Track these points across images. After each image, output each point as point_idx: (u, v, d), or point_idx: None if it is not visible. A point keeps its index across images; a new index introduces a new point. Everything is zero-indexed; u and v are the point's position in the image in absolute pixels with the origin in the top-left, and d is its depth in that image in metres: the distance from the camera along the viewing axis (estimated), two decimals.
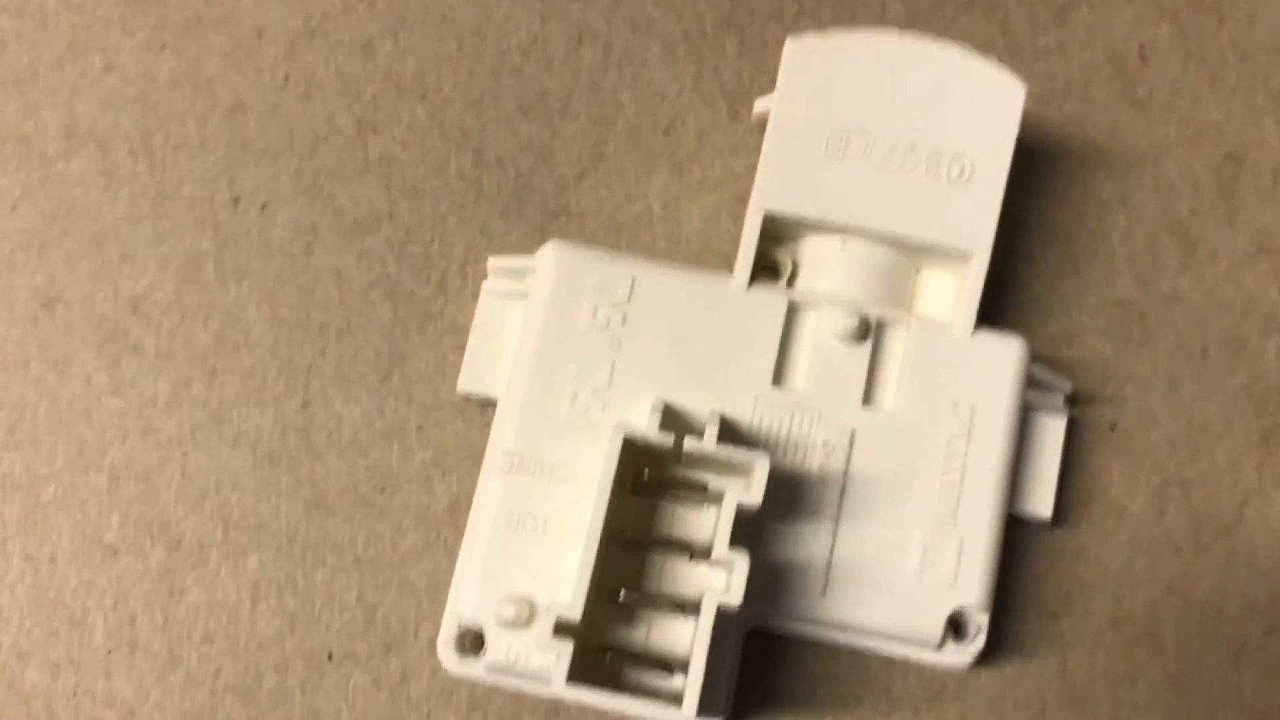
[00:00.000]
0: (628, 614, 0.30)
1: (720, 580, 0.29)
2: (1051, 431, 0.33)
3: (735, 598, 0.28)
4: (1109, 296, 0.34)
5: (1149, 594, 0.32)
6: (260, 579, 0.32)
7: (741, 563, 0.28)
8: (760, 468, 0.28)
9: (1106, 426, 0.33)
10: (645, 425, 0.29)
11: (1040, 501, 0.32)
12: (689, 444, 0.28)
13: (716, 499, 0.30)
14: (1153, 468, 0.33)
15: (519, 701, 0.31)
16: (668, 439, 0.28)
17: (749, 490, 0.28)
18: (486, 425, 0.32)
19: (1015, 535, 0.32)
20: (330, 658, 0.31)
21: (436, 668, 0.31)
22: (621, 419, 0.29)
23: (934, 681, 0.32)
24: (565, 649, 0.28)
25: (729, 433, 0.30)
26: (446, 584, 0.31)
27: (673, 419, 0.30)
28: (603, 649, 0.29)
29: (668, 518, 0.30)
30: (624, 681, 0.29)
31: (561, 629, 0.28)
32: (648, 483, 0.29)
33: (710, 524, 0.30)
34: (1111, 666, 0.32)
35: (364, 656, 0.31)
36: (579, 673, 0.28)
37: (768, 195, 0.31)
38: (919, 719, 0.31)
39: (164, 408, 0.33)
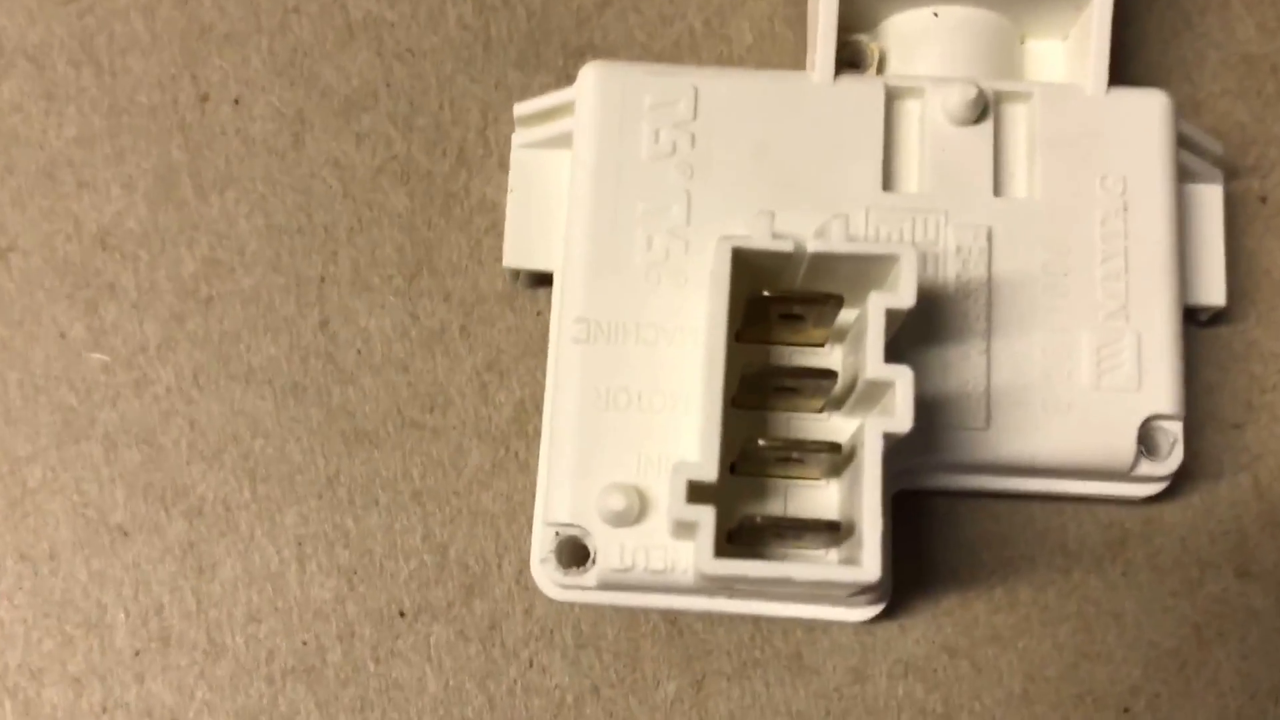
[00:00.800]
0: (757, 488, 0.26)
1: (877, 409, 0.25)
2: (1208, 202, 0.29)
3: (904, 421, 0.23)
4: (1232, 51, 0.31)
5: None
6: (304, 535, 0.29)
7: (905, 378, 0.24)
8: (908, 261, 0.24)
9: (1256, 200, 0.30)
10: (756, 233, 0.25)
11: (1209, 288, 0.29)
12: (815, 245, 0.24)
13: (840, 335, 0.27)
14: None
15: (634, 626, 0.28)
16: (785, 245, 0.24)
17: (897, 291, 0.24)
18: (542, 314, 0.30)
19: None
20: (402, 615, 0.29)
21: (531, 605, 0.29)
22: (725, 233, 0.25)
23: (1114, 525, 0.29)
24: (706, 516, 0.23)
25: None
26: (527, 504, 0.29)
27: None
28: (732, 535, 0.25)
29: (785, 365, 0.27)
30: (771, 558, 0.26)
31: (697, 493, 0.24)
32: (762, 313, 0.26)
33: (838, 366, 0.26)
34: None
35: (442, 607, 0.29)
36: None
37: None
38: (1104, 571, 0.29)
39: (157, 353, 0.30)
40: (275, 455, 0.29)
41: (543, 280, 0.30)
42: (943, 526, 0.29)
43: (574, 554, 0.26)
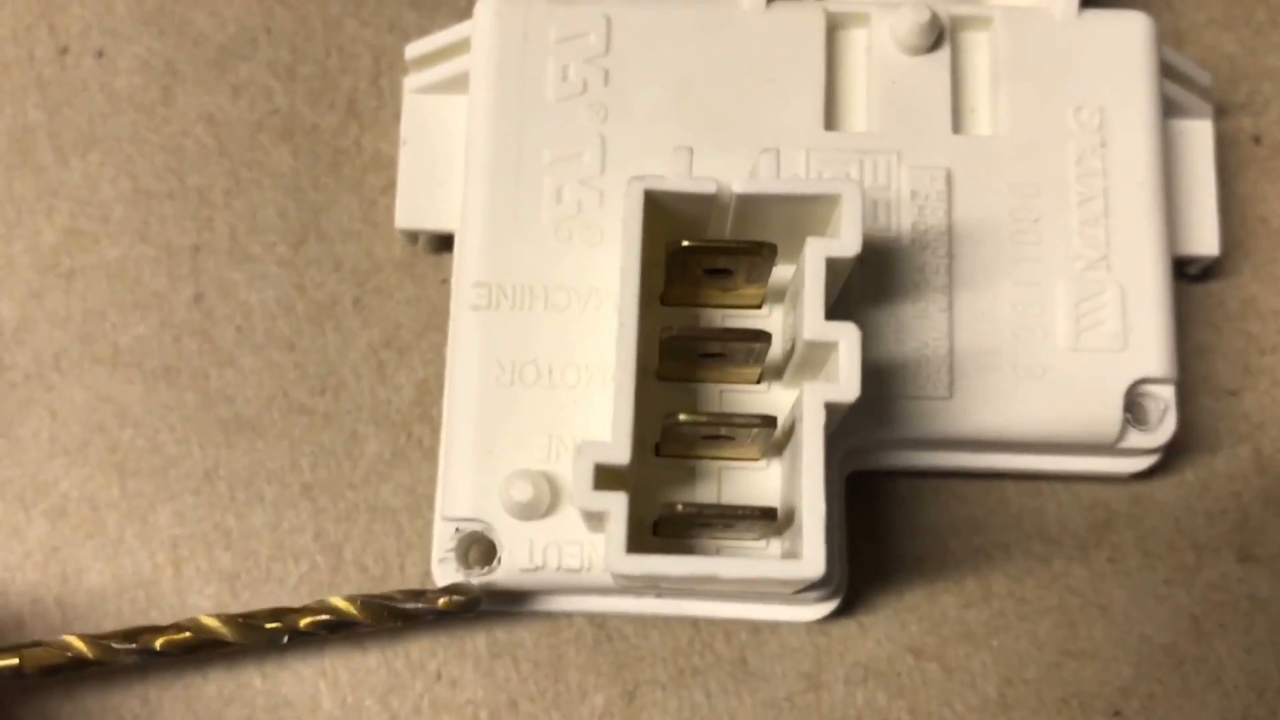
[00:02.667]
0: (687, 472, 0.25)
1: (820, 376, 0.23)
2: (1197, 139, 0.28)
3: (849, 389, 0.22)
4: None
5: None
6: (179, 536, 0.28)
7: (849, 337, 0.22)
8: (850, 200, 0.22)
9: (1249, 141, 0.30)
10: (671, 173, 0.23)
11: (1201, 236, 0.28)
12: (742, 186, 0.23)
13: (780, 295, 0.25)
14: None
15: (555, 632, 0.27)
16: (706, 185, 0.23)
17: (839, 237, 0.23)
18: (446, 282, 0.29)
19: None
20: None
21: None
22: (636, 174, 0.23)
23: (1098, 506, 0.28)
24: (617, 505, 0.22)
25: None
26: (431, 498, 0.28)
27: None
28: (659, 526, 0.24)
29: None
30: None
31: (607, 479, 0.22)
32: (686, 269, 0.24)
33: (776, 329, 0.25)
34: None
35: None
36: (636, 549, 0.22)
37: None
38: (1088, 558, 0.28)
39: (13, 335, 0.29)
40: (146, 447, 0.28)
41: (446, 243, 0.29)
42: (905, 511, 0.28)
43: (480, 554, 0.25)
